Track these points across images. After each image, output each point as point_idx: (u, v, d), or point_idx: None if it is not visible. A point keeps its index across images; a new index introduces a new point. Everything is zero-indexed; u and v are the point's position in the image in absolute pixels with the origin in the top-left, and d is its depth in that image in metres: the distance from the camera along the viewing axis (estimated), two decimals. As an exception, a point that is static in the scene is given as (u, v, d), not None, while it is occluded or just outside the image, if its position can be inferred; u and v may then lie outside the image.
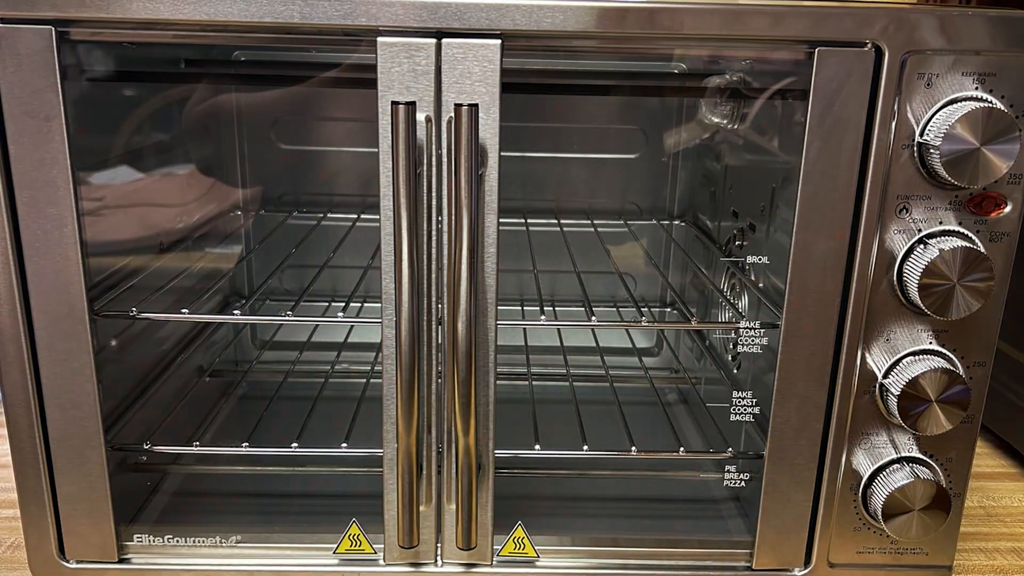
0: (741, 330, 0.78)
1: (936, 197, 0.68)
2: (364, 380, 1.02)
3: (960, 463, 0.75)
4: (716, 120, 0.99)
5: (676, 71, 0.98)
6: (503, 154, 0.67)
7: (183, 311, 0.82)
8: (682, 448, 0.86)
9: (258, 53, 1.02)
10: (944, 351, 0.71)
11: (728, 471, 0.83)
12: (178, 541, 0.77)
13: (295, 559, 0.78)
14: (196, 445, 0.82)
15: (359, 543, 0.77)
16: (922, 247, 0.68)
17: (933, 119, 0.66)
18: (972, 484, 0.91)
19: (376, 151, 0.66)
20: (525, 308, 1.15)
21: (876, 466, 0.74)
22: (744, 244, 0.90)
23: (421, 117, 0.65)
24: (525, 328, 1.14)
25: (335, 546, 0.78)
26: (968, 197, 0.68)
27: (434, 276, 0.70)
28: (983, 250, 0.67)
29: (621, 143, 1.12)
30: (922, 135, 0.66)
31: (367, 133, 0.86)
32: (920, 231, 0.69)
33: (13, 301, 0.69)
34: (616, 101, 1.12)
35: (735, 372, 0.92)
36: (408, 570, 0.77)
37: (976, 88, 0.66)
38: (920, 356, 0.71)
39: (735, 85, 0.88)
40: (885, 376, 0.71)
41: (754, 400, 0.80)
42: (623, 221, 1.15)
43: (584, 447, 0.83)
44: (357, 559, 0.78)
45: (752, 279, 0.84)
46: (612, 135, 1.12)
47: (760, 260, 0.81)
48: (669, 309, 1.19)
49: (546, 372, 1.12)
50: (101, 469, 0.73)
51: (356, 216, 1.13)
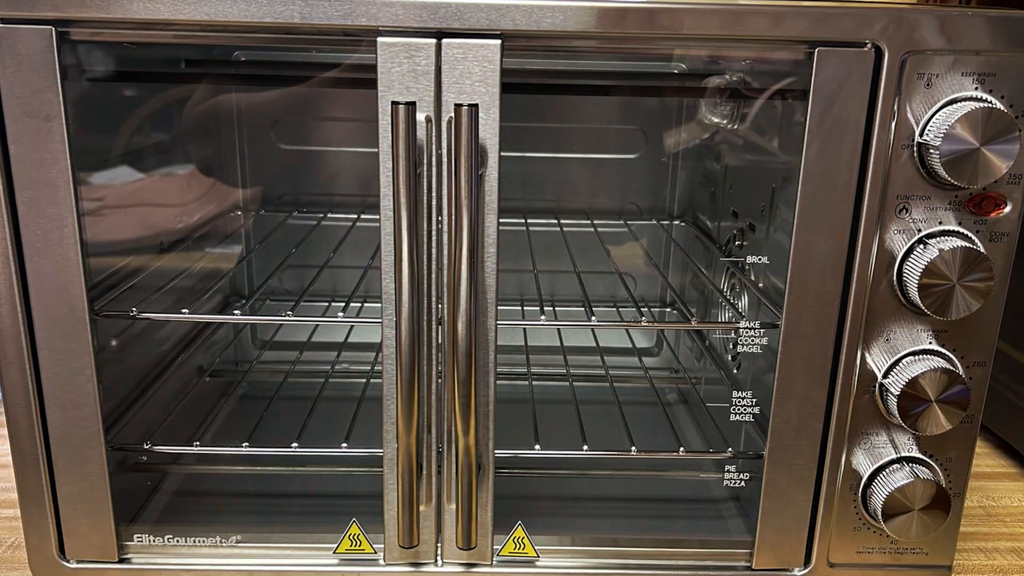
0: (741, 330, 0.78)
1: (936, 197, 0.68)
2: (364, 380, 1.02)
3: (960, 463, 0.75)
4: (716, 120, 0.99)
5: (676, 71, 0.98)
6: (503, 154, 0.67)
7: (183, 311, 0.82)
8: (682, 448, 0.86)
9: (258, 53, 1.02)
10: (944, 351, 0.71)
11: (728, 471, 0.83)
12: (178, 541, 0.77)
13: (295, 559, 0.78)
14: (196, 445, 0.82)
15: (359, 543, 0.78)
16: (922, 247, 0.68)
17: (933, 119, 0.66)
18: (972, 484, 0.91)
19: (376, 151, 0.66)
20: (525, 308, 1.15)
21: (876, 466, 0.74)
22: (744, 244, 0.90)
23: (421, 117, 0.65)
24: (525, 328, 1.14)
25: (335, 546, 0.78)
26: (968, 197, 0.68)
27: (434, 276, 0.70)
28: (983, 250, 0.67)
29: (621, 143, 1.12)
30: (922, 135, 0.66)
31: (367, 133, 0.86)
32: (920, 231, 0.69)
33: (13, 301, 0.69)
34: (616, 101, 1.12)
35: (735, 372, 0.92)
36: (408, 570, 0.77)
37: (976, 88, 0.66)
38: (920, 356, 0.71)
39: (735, 85, 0.88)
40: (885, 376, 0.71)
41: (754, 400, 0.80)
42: (623, 221, 1.15)
43: (584, 447, 0.83)
44: (357, 559, 0.78)
45: (752, 279, 0.84)
46: (612, 135, 1.12)
47: (760, 260, 0.81)
48: (669, 309, 1.19)
49: (546, 372, 1.12)
50: (101, 469, 0.73)
51: (356, 216, 1.13)
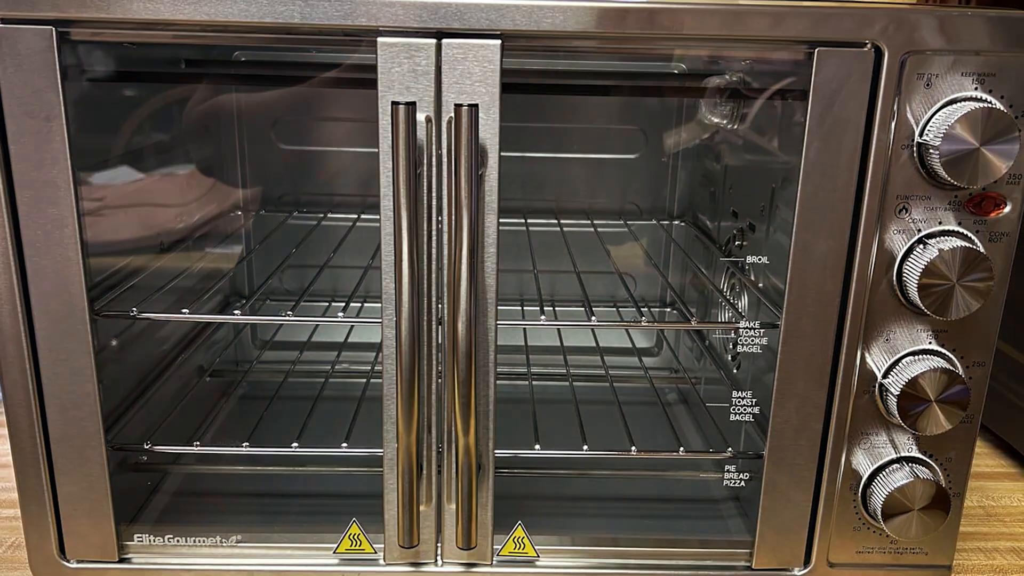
0: (741, 330, 0.78)
1: (936, 197, 0.68)
2: (364, 380, 1.02)
3: (959, 463, 0.75)
4: (716, 120, 0.99)
5: (676, 71, 0.98)
6: (503, 154, 0.67)
7: (183, 311, 0.82)
8: (682, 448, 0.86)
9: (258, 53, 1.02)
10: (944, 351, 0.71)
11: (728, 471, 0.83)
12: (178, 541, 0.77)
13: (295, 559, 0.78)
14: (196, 445, 0.82)
15: (359, 543, 0.78)
16: (922, 247, 0.68)
17: (933, 119, 0.66)
18: (971, 484, 0.91)
19: (376, 151, 0.66)
20: (525, 308, 1.15)
21: (876, 466, 0.74)
22: (744, 244, 0.90)
23: (421, 117, 0.65)
24: (525, 328, 1.14)
25: (335, 546, 0.78)
26: (968, 197, 0.68)
27: (434, 276, 0.70)
28: (982, 250, 0.67)
29: (621, 143, 1.12)
30: (922, 135, 0.66)
31: (367, 133, 0.86)
32: (920, 231, 0.69)
33: (14, 301, 0.69)
34: (616, 101, 1.12)
35: (735, 372, 0.92)
36: (408, 570, 0.77)
37: (976, 88, 0.66)
38: (920, 356, 0.71)
39: (735, 85, 0.88)
40: (885, 376, 0.71)
41: (754, 400, 0.80)
42: (623, 221, 1.15)
43: (584, 447, 0.83)
44: (357, 559, 0.78)
45: (752, 279, 0.84)
46: (612, 135, 1.13)
47: (760, 260, 0.81)
48: (669, 309, 1.19)
49: (546, 372, 1.12)
50: (101, 469, 0.73)
51: (356, 216, 1.13)
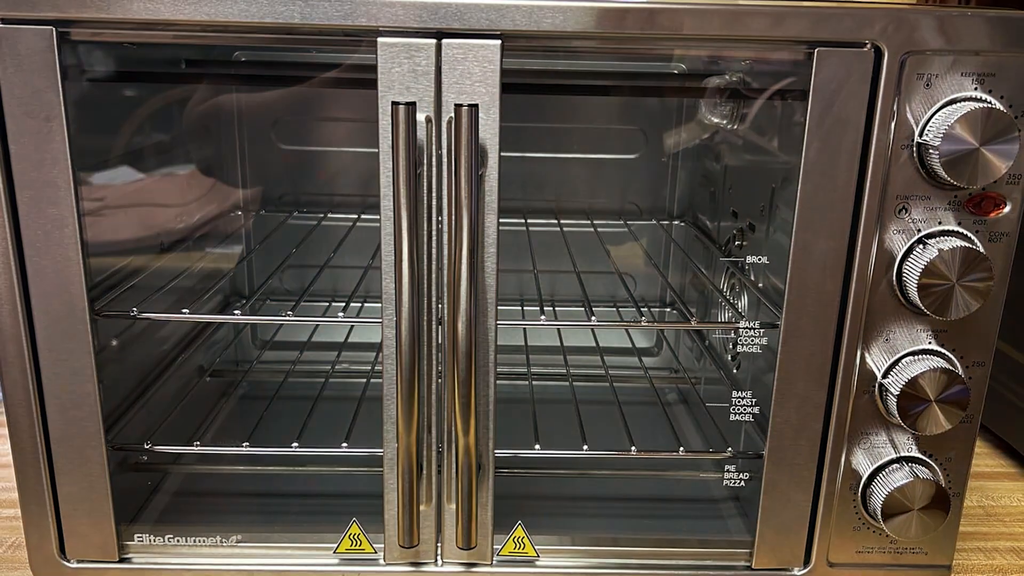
0: (741, 330, 0.78)
1: (935, 197, 0.68)
2: (364, 380, 1.02)
3: (959, 463, 0.75)
4: (716, 120, 0.99)
5: (676, 71, 0.98)
6: (503, 154, 0.67)
7: (184, 311, 0.82)
8: (682, 448, 0.86)
9: (259, 53, 1.02)
10: (943, 351, 0.71)
11: (728, 471, 0.83)
12: (179, 541, 0.77)
13: (295, 559, 0.78)
14: (197, 445, 0.82)
15: (359, 543, 0.78)
16: (921, 247, 0.68)
17: (932, 119, 0.66)
18: (971, 484, 0.91)
19: (376, 151, 0.66)
20: (525, 308, 1.15)
21: (875, 466, 0.74)
22: (744, 244, 0.90)
23: (421, 117, 0.66)
24: (525, 328, 1.14)
25: (335, 546, 0.78)
26: (967, 197, 0.68)
27: (434, 276, 0.70)
28: (982, 250, 0.67)
29: (621, 143, 1.12)
30: (921, 135, 0.66)
31: (367, 133, 0.86)
32: (919, 231, 0.69)
33: (14, 301, 0.69)
34: (616, 101, 1.12)
35: (735, 372, 0.92)
36: (408, 570, 0.77)
37: (975, 88, 0.66)
38: (919, 356, 0.71)
39: (735, 85, 0.88)
40: (884, 376, 0.71)
41: (754, 400, 0.80)
42: (623, 221, 1.15)
43: (584, 447, 0.84)
44: (357, 559, 0.78)
45: (752, 279, 0.84)
46: (612, 135, 1.13)
47: (760, 260, 0.81)
48: (669, 309, 1.19)
49: (546, 372, 1.12)
50: (102, 469, 0.73)
51: (356, 216, 1.13)
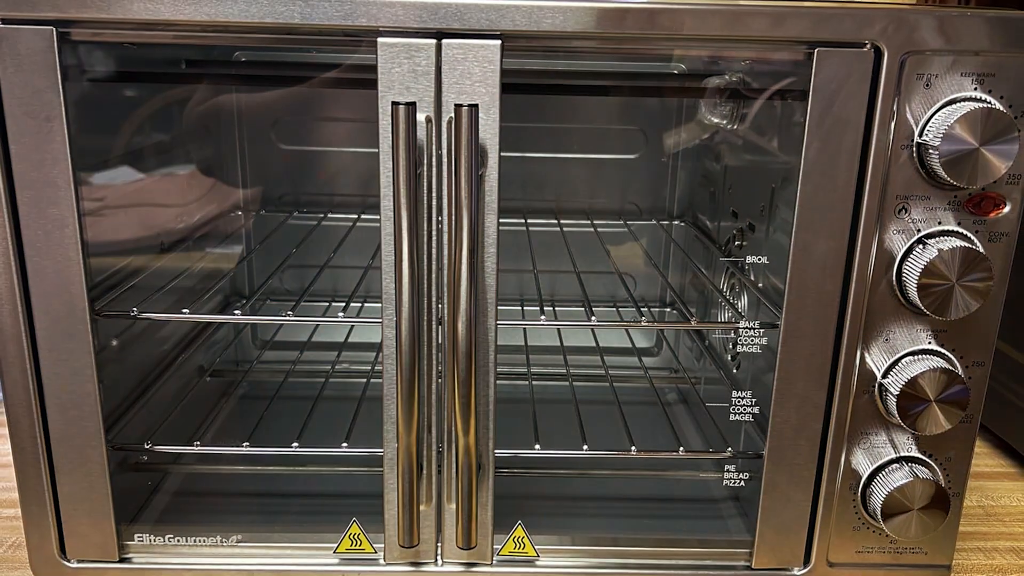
0: (740, 330, 0.78)
1: (935, 197, 0.68)
2: (364, 380, 1.02)
3: (959, 463, 0.75)
4: (716, 120, 0.99)
5: (676, 71, 0.98)
6: (503, 154, 0.67)
7: (184, 311, 0.82)
8: (682, 448, 0.86)
9: (259, 54, 1.02)
10: (943, 351, 0.71)
11: (727, 471, 0.83)
12: (179, 540, 0.78)
13: (295, 558, 0.78)
14: (197, 445, 0.82)
15: (359, 543, 0.78)
16: (921, 247, 0.68)
17: (932, 119, 0.66)
18: (971, 484, 0.91)
19: (376, 151, 0.66)
20: (525, 308, 1.15)
21: (875, 466, 0.74)
22: (744, 244, 0.90)
23: (421, 117, 0.66)
24: (525, 328, 1.14)
25: (335, 545, 0.78)
26: (967, 197, 0.68)
27: (434, 276, 0.70)
28: (982, 250, 0.67)
29: (621, 143, 1.12)
30: (921, 135, 0.66)
31: (367, 133, 0.86)
32: (919, 231, 0.69)
33: (14, 301, 0.69)
34: (616, 101, 1.12)
35: (734, 372, 0.92)
36: (408, 569, 0.77)
37: (975, 88, 0.66)
38: (919, 356, 0.71)
39: (735, 86, 0.88)
40: (884, 376, 0.71)
41: (753, 400, 0.80)
42: (623, 221, 1.15)
43: (584, 447, 0.84)
44: (357, 558, 0.78)
45: (751, 279, 0.84)
46: (612, 135, 1.13)
47: (759, 260, 0.81)
48: (669, 309, 1.19)
49: (546, 372, 1.12)
50: (102, 469, 0.73)
51: (356, 216, 1.13)
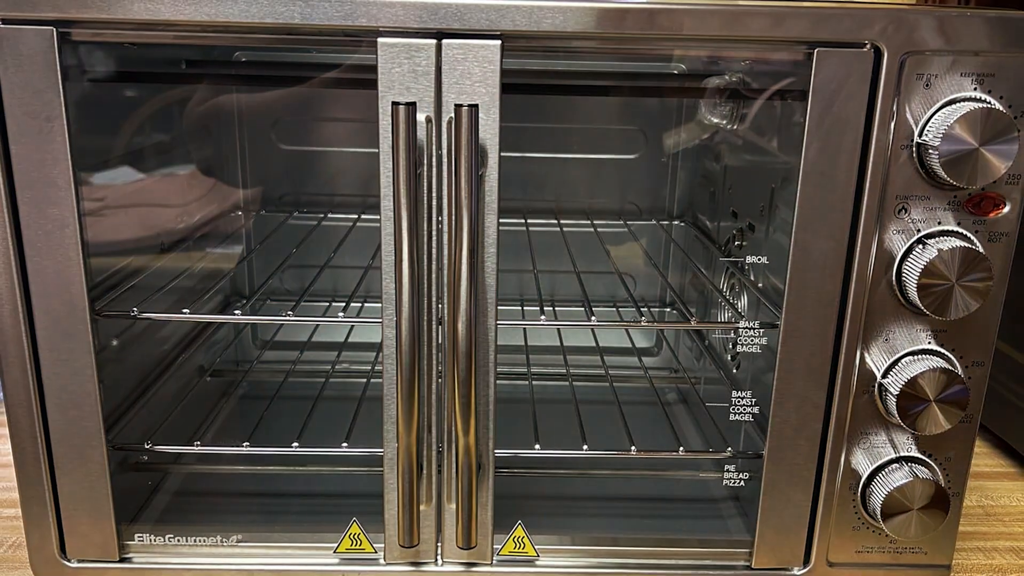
0: (740, 330, 0.78)
1: (935, 197, 0.68)
2: (364, 380, 1.02)
3: (959, 462, 0.75)
4: (715, 121, 0.99)
5: (676, 72, 0.98)
6: (503, 154, 0.67)
7: (184, 311, 0.82)
8: (681, 448, 0.86)
9: (259, 54, 1.02)
10: (943, 351, 0.71)
11: (727, 471, 0.83)
12: (179, 540, 0.78)
13: (296, 558, 0.78)
14: (197, 445, 0.82)
15: (359, 542, 0.78)
16: (921, 247, 0.68)
17: (932, 119, 0.66)
18: (971, 483, 0.91)
19: (376, 151, 0.66)
20: (525, 308, 1.15)
21: (875, 465, 0.74)
22: (743, 244, 0.90)
23: (421, 118, 0.66)
24: (525, 328, 1.14)
25: (336, 545, 0.78)
26: (967, 197, 0.68)
27: (434, 276, 0.70)
28: (982, 250, 0.67)
29: (621, 143, 1.12)
30: (921, 135, 0.66)
31: (367, 133, 0.86)
32: (919, 231, 0.69)
33: (14, 301, 0.69)
34: (616, 102, 1.12)
35: (734, 372, 0.92)
36: (408, 569, 0.77)
37: (975, 88, 0.66)
38: (919, 356, 0.71)
39: (734, 86, 0.88)
40: (884, 376, 0.71)
41: (753, 400, 0.80)
42: (623, 221, 1.15)
43: (584, 447, 0.84)
44: (357, 558, 0.78)
45: (751, 279, 0.84)
46: (612, 135, 1.13)
47: (759, 260, 0.81)
48: (669, 309, 1.19)
49: (546, 372, 1.12)
50: (102, 469, 0.73)
51: (356, 216, 1.13)
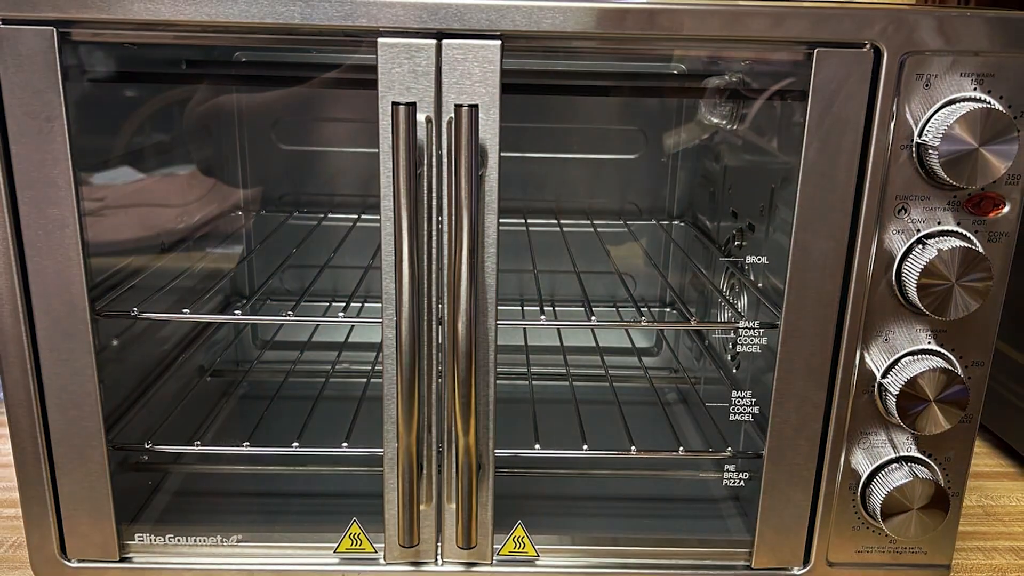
0: (740, 330, 0.78)
1: (935, 197, 0.68)
2: (364, 380, 1.03)
3: (959, 462, 0.75)
4: (715, 121, 0.99)
5: (676, 72, 0.99)
6: (503, 154, 0.67)
7: (184, 311, 0.82)
8: (681, 448, 0.86)
9: (259, 54, 1.02)
10: (943, 351, 0.71)
11: (727, 470, 0.83)
12: (179, 540, 0.78)
13: (296, 558, 0.78)
14: (197, 445, 0.82)
15: (360, 542, 0.78)
16: (921, 247, 0.68)
17: (932, 120, 0.66)
18: (970, 483, 0.92)
19: (376, 151, 0.66)
20: (525, 308, 1.15)
21: (875, 465, 0.74)
22: (743, 244, 0.90)
23: (421, 118, 0.66)
24: (525, 328, 1.14)
25: (336, 545, 0.78)
26: (967, 197, 0.68)
27: (434, 276, 0.70)
28: (981, 250, 0.67)
29: (621, 143, 1.12)
30: (921, 135, 0.66)
31: (367, 134, 0.86)
32: (919, 231, 0.69)
33: (15, 301, 0.69)
34: (616, 102, 1.12)
35: (734, 372, 0.92)
36: (408, 569, 0.77)
37: (974, 89, 0.66)
38: (919, 356, 0.71)
39: (734, 86, 0.88)
40: (884, 376, 0.71)
41: (753, 400, 0.80)
42: (623, 221, 1.15)
43: (584, 447, 0.84)
44: (358, 558, 0.78)
45: (751, 279, 0.84)
46: (612, 135, 1.13)
47: (759, 260, 0.81)
48: (669, 309, 1.20)
49: (546, 372, 1.12)
50: (102, 468, 0.73)
51: (356, 216, 1.13)
